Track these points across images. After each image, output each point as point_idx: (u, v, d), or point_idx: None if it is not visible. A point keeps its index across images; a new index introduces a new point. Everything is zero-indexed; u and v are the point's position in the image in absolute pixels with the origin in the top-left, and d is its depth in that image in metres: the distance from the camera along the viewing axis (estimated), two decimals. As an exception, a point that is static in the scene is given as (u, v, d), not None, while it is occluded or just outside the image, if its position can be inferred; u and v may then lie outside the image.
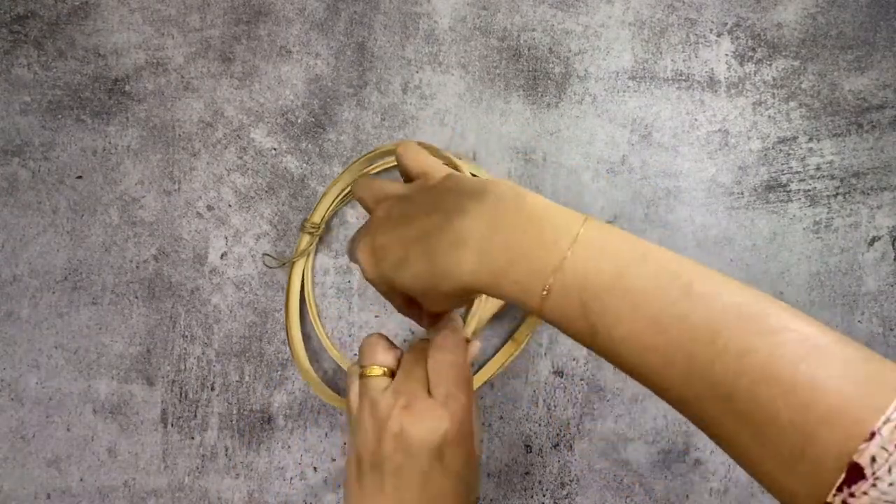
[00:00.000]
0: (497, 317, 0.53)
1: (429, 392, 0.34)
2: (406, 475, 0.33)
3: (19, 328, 0.54)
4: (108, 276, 0.54)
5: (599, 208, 0.54)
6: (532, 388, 0.52)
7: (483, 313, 0.49)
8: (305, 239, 0.53)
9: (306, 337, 0.53)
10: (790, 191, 0.53)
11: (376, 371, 0.36)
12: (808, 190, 0.53)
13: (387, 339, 0.38)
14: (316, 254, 0.54)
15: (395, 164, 0.55)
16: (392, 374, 0.37)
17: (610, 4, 0.56)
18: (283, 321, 0.53)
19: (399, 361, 0.37)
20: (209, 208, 0.55)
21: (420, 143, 0.48)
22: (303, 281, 0.53)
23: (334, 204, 0.54)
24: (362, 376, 0.37)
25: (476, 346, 0.38)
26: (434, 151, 0.46)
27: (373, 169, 0.54)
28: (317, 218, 0.53)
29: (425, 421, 0.33)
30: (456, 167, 0.43)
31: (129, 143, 0.55)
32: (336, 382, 0.54)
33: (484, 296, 0.39)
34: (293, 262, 0.53)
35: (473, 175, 0.53)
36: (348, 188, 0.54)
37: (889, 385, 0.23)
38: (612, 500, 0.51)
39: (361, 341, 0.38)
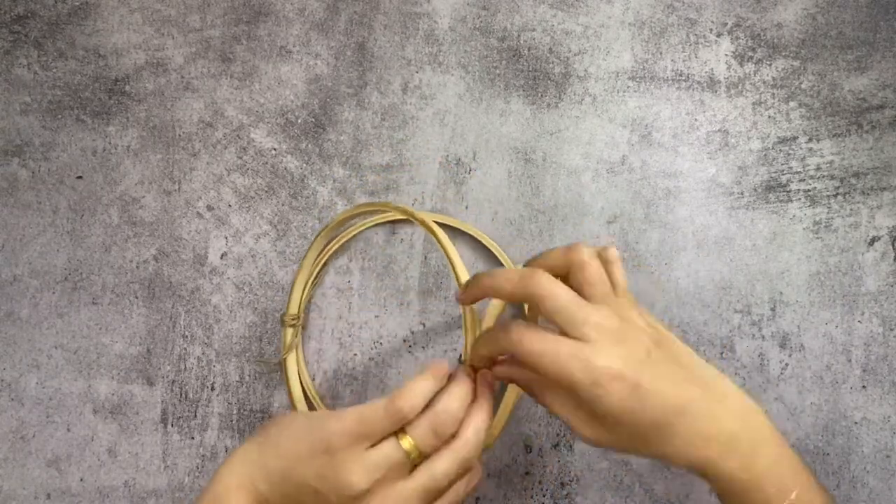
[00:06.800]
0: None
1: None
2: None
3: (19, 328, 0.54)
4: (108, 276, 0.54)
5: (599, 208, 0.54)
6: (532, 388, 0.52)
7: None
8: (289, 333, 0.52)
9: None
10: (790, 191, 0.53)
11: (406, 443, 0.34)
12: (808, 190, 0.53)
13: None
14: (303, 345, 0.53)
15: (355, 230, 0.52)
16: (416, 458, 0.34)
17: (610, 4, 0.56)
18: (287, 372, 0.52)
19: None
20: (209, 208, 0.55)
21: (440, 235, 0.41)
22: (299, 373, 0.52)
23: (306, 291, 0.52)
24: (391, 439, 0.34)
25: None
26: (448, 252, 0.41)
27: (329, 248, 0.52)
28: (293, 309, 0.52)
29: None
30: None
31: (129, 143, 0.56)
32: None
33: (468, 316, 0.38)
34: (285, 360, 0.52)
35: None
36: (316, 271, 0.52)
37: None
38: (612, 500, 0.51)
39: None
